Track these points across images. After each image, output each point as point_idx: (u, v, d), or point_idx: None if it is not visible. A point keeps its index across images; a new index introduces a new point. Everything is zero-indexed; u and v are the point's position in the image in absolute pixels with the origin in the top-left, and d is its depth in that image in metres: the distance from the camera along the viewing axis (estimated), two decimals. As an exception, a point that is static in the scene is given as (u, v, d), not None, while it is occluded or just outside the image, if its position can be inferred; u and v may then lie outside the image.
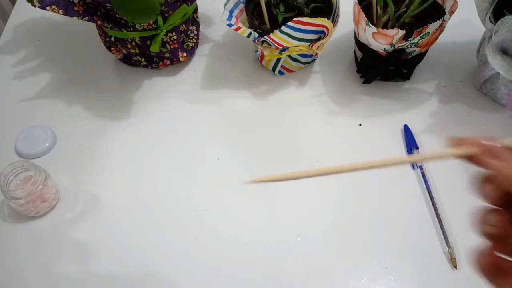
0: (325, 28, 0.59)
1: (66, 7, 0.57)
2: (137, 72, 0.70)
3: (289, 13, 0.63)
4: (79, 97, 0.68)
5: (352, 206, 0.55)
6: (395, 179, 0.57)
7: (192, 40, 0.70)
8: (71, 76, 0.71)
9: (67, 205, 0.57)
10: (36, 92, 0.69)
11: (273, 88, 0.67)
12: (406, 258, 0.51)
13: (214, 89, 0.68)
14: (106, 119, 0.65)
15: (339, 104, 0.65)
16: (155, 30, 0.63)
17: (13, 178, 0.53)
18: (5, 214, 0.56)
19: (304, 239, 0.53)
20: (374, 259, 0.51)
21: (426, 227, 0.53)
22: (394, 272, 0.50)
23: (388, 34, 0.55)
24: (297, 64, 0.67)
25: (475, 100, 0.64)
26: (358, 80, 0.67)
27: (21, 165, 0.53)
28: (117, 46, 0.67)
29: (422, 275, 0.50)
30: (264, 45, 0.62)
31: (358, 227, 0.54)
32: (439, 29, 0.57)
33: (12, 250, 0.54)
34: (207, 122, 0.64)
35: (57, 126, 0.64)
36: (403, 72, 0.64)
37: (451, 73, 0.68)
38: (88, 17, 0.59)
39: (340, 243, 0.53)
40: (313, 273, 0.50)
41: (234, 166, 0.59)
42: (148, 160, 0.60)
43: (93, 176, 0.59)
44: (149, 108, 0.66)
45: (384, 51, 0.59)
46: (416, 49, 0.59)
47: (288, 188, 0.57)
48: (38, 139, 0.62)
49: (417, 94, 0.65)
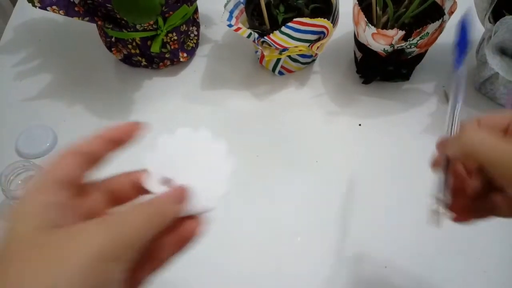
0: (324, 28, 0.59)
1: (66, 8, 0.57)
2: (138, 73, 0.70)
3: (289, 14, 0.63)
4: (79, 97, 0.68)
5: (352, 205, 0.55)
6: (396, 178, 0.57)
7: (192, 41, 0.70)
8: (72, 76, 0.71)
9: (67, 205, 0.57)
10: (37, 92, 0.69)
11: (273, 89, 0.68)
12: (406, 258, 0.51)
13: (214, 90, 0.68)
14: (107, 119, 0.65)
15: (338, 104, 0.65)
16: (155, 31, 0.63)
17: (14, 178, 0.53)
18: (5, 214, 0.56)
19: (304, 239, 0.53)
20: (374, 259, 0.51)
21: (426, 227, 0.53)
22: (394, 272, 0.50)
23: (387, 35, 0.55)
24: (297, 65, 0.67)
25: (475, 100, 0.64)
26: (358, 80, 0.67)
27: (22, 165, 0.53)
28: (117, 46, 0.67)
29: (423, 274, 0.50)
30: (264, 46, 0.62)
31: (358, 227, 0.54)
32: (438, 30, 0.57)
33: (13, 249, 0.54)
34: (208, 122, 0.64)
35: (58, 126, 0.64)
36: (403, 73, 0.64)
37: (451, 73, 0.68)
38: (88, 17, 0.59)
39: (340, 243, 0.53)
40: (312, 273, 0.51)
41: (234, 166, 0.59)
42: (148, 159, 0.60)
43: (93, 176, 0.59)
44: (149, 108, 0.66)
45: (383, 52, 0.59)
46: (415, 49, 0.59)
47: (288, 187, 0.57)
48: (39, 139, 0.62)
49: (416, 94, 0.66)
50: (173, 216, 0.27)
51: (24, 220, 0.23)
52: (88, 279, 0.21)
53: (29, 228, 0.23)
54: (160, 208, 0.27)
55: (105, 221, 0.24)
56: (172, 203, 0.28)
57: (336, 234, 0.53)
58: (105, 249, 0.22)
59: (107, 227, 0.23)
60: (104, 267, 0.22)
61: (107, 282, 0.22)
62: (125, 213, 0.26)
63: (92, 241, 0.22)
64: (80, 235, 0.23)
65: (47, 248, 0.22)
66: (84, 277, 0.21)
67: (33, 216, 0.23)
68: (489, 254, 0.51)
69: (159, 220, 0.26)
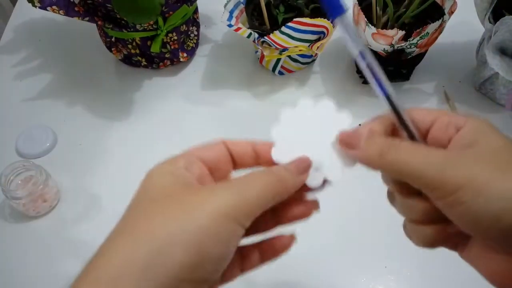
0: (324, 28, 0.59)
1: (66, 8, 0.57)
2: (138, 73, 0.70)
3: (289, 14, 0.63)
4: (79, 97, 0.68)
5: (351, 205, 0.55)
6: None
7: (192, 41, 0.70)
8: (72, 77, 0.71)
9: (67, 205, 0.57)
10: (37, 92, 0.69)
11: (273, 88, 0.67)
12: (406, 258, 0.51)
13: (214, 89, 0.68)
14: (107, 119, 0.65)
15: (339, 104, 0.65)
16: (155, 31, 0.63)
17: (14, 178, 0.53)
18: (6, 214, 0.56)
19: (303, 239, 0.53)
20: (374, 259, 0.51)
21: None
22: (394, 272, 0.50)
23: (387, 35, 0.55)
24: (297, 65, 0.67)
25: (474, 100, 0.64)
26: (358, 80, 0.67)
27: (22, 165, 0.53)
28: (117, 46, 0.67)
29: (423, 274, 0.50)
30: (264, 46, 0.62)
31: (358, 227, 0.54)
32: (438, 30, 0.57)
33: (13, 249, 0.54)
34: (208, 122, 0.64)
35: (58, 126, 0.64)
36: (403, 73, 0.64)
37: (451, 73, 0.68)
38: (88, 17, 0.59)
39: (339, 243, 0.53)
40: (312, 273, 0.51)
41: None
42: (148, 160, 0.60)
43: (93, 176, 0.59)
44: (149, 108, 0.66)
45: (383, 52, 0.59)
46: (415, 49, 0.59)
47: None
48: (39, 139, 0.62)
49: (416, 94, 0.66)
50: (294, 187, 0.28)
51: (164, 175, 0.27)
52: (213, 232, 0.24)
53: (167, 184, 0.26)
54: (281, 177, 0.27)
55: (231, 184, 0.26)
56: (293, 174, 0.28)
57: (335, 234, 0.53)
58: (229, 210, 0.24)
59: (232, 191, 0.25)
60: (226, 224, 0.24)
61: (227, 240, 0.24)
62: (249, 179, 0.27)
63: (219, 201, 0.24)
64: (209, 196, 0.25)
65: (181, 203, 0.25)
66: (209, 229, 0.23)
67: (171, 175, 0.27)
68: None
69: (280, 189, 0.27)
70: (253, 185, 0.26)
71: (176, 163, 0.28)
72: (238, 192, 0.25)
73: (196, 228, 0.23)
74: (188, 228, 0.23)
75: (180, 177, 0.27)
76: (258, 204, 0.26)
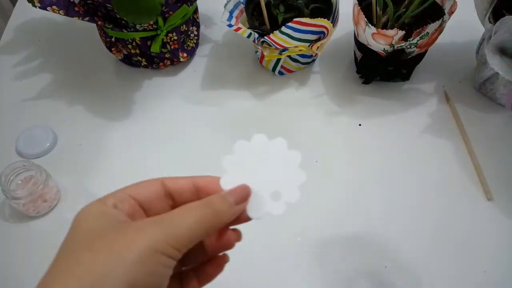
0: (324, 28, 0.59)
1: (66, 8, 0.57)
2: (138, 73, 0.71)
3: (289, 14, 0.63)
4: (79, 97, 0.68)
5: (351, 205, 0.56)
6: (396, 178, 0.57)
7: (192, 41, 0.70)
8: (72, 77, 0.71)
9: (67, 205, 0.57)
10: (37, 92, 0.69)
11: (273, 88, 0.68)
12: (406, 258, 0.51)
13: (214, 89, 0.68)
14: (107, 119, 0.65)
15: (338, 104, 0.65)
16: (155, 31, 0.63)
17: (14, 178, 0.53)
18: (6, 214, 0.56)
19: (303, 239, 0.53)
20: (374, 259, 0.51)
21: (426, 227, 0.53)
22: (394, 272, 0.50)
23: (387, 35, 0.55)
24: (297, 65, 0.67)
25: (474, 100, 0.64)
26: (358, 80, 0.67)
27: (22, 165, 0.53)
28: (117, 46, 0.67)
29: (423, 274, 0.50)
30: (264, 46, 0.62)
31: (358, 227, 0.54)
32: (438, 30, 0.57)
33: (13, 249, 0.54)
34: (208, 122, 0.64)
35: (58, 126, 0.64)
36: (403, 73, 0.64)
37: (451, 73, 0.68)
38: (88, 17, 0.59)
39: (339, 243, 0.53)
40: (312, 273, 0.51)
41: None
42: (148, 160, 0.60)
43: (94, 176, 0.59)
44: (149, 108, 0.66)
45: (383, 52, 0.59)
46: (415, 49, 0.59)
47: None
48: (39, 139, 0.62)
49: (416, 94, 0.66)
50: (230, 218, 0.28)
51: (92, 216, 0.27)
52: (142, 267, 0.24)
53: (95, 226, 0.26)
54: (217, 211, 0.27)
55: (160, 219, 0.26)
56: (231, 205, 0.28)
57: (335, 234, 0.53)
58: (157, 245, 0.25)
59: (161, 226, 0.26)
60: (156, 258, 0.24)
61: (157, 273, 0.25)
62: (182, 212, 0.27)
63: (147, 237, 0.25)
64: (137, 233, 0.25)
65: (110, 243, 0.25)
66: (138, 265, 0.24)
67: (100, 214, 0.27)
68: (489, 254, 0.51)
69: (215, 223, 0.27)
70: (185, 219, 0.26)
71: (105, 202, 0.28)
72: (167, 226, 0.25)
73: (127, 264, 0.24)
74: (119, 265, 0.24)
75: (109, 215, 0.27)
76: (189, 237, 0.26)
